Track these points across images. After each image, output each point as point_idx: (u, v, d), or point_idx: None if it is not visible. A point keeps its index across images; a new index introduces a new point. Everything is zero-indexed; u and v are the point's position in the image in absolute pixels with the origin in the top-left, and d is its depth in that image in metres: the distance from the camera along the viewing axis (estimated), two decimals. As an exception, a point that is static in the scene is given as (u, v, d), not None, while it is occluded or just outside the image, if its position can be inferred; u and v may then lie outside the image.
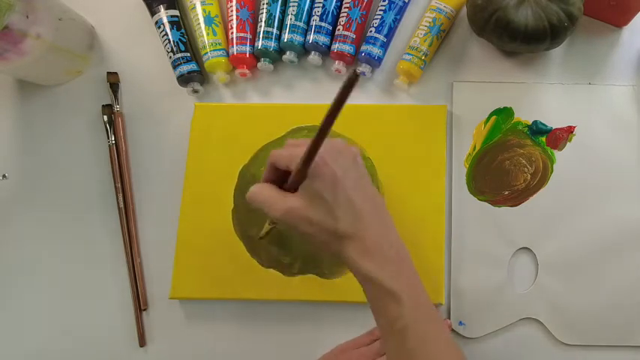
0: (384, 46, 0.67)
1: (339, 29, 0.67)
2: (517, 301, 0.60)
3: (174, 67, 0.68)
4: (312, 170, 0.41)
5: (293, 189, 0.43)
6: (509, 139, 0.65)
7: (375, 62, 0.67)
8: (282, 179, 0.44)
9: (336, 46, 0.67)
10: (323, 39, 0.67)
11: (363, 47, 0.67)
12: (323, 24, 0.67)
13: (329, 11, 0.67)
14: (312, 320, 0.62)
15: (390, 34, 0.67)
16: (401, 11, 0.68)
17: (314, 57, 0.68)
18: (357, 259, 0.42)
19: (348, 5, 0.67)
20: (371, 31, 0.67)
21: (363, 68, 0.67)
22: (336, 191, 0.42)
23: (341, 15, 0.68)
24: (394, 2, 0.67)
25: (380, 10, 0.67)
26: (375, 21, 0.67)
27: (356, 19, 0.67)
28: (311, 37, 0.67)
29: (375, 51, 0.66)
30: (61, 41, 0.65)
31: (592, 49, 0.68)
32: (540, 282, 0.60)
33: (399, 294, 0.42)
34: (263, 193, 0.44)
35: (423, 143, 0.64)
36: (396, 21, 0.68)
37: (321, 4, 0.67)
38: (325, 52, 0.68)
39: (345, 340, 0.59)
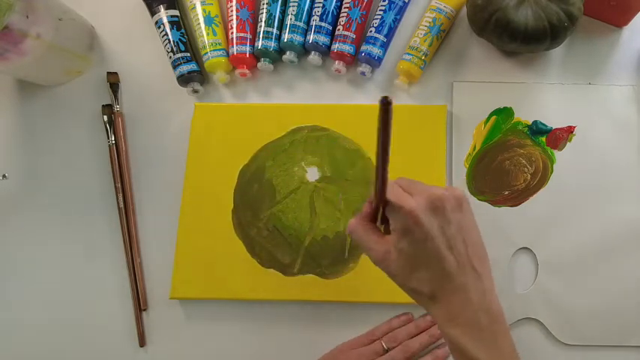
0: (384, 46, 0.67)
1: (339, 29, 0.67)
2: (517, 301, 0.60)
3: (174, 67, 0.68)
4: (403, 225, 0.40)
5: (384, 225, 0.42)
6: (509, 139, 0.65)
7: (375, 62, 0.67)
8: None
9: (336, 46, 0.67)
10: (323, 39, 0.67)
11: (363, 47, 0.67)
12: (323, 24, 0.67)
13: (329, 11, 0.67)
14: (312, 320, 0.61)
15: (390, 34, 0.67)
16: (401, 11, 0.68)
17: (314, 57, 0.68)
18: (442, 322, 0.41)
19: (348, 5, 0.67)
20: (371, 31, 0.67)
21: (363, 68, 0.67)
22: (426, 250, 0.40)
23: (341, 15, 0.68)
24: (394, 2, 0.67)
25: (380, 10, 0.67)
26: (375, 21, 0.67)
27: (356, 19, 0.67)
28: (311, 37, 0.67)
29: (375, 51, 0.66)
30: (61, 41, 0.65)
31: (592, 49, 0.68)
32: (540, 282, 0.60)
33: None
34: (358, 230, 0.43)
35: (423, 143, 0.64)
36: (396, 21, 0.68)
37: (321, 4, 0.67)
38: (325, 52, 0.68)
39: (345, 340, 0.59)
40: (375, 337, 0.58)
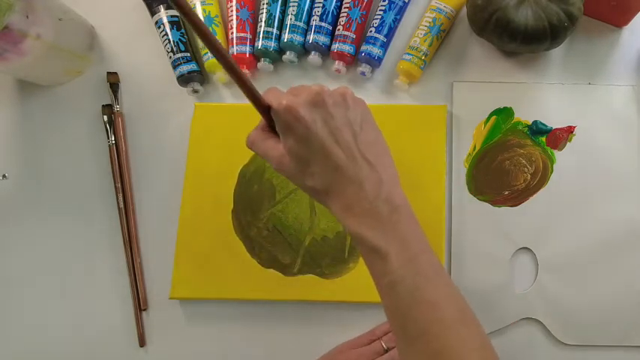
0: (384, 46, 0.67)
1: (339, 29, 0.67)
2: (517, 301, 0.60)
3: (174, 67, 0.68)
4: (283, 123, 0.40)
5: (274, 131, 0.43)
6: (509, 139, 0.65)
7: (375, 62, 0.67)
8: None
9: (336, 46, 0.67)
10: (323, 39, 0.67)
11: (363, 47, 0.67)
12: (323, 24, 0.67)
13: (329, 11, 0.67)
14: (312, 320, 0.61)
15: (390, 34, 0.67)
16: (401, 11, 0.68)
17: (314, 57, 0.68)
18: (339, 214, 0.41)
19: (348, 5, 0.67)
20: (371, 31, 0.67)
21: (363, 68, 0.67)
22: (311, 145, 0.40)
23: (341, 15, 0.67)
24: (394, 2, 0.67)
25: (380, 10, 0.67)
26: (375, 21, 0.67)
27: (356, 19, 0.67)
28: (311, 37, 0.67)
29: (375, 51, 0.66)
30: (61, 41, 0.65)
31: (592, 49, 0.68)
32: (540, 282, 0.60)
33: (384, 250, 0.39)
34: (256, 141, 0.43)
35: (423, 143, 0.64)
36: (396, 21, 0.68)
37: (321, 5, 0.67)
38: (325, 52, 0.68)
39: (344, 340, 0.59)
40: (375, 336, 0.58)
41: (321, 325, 0.61)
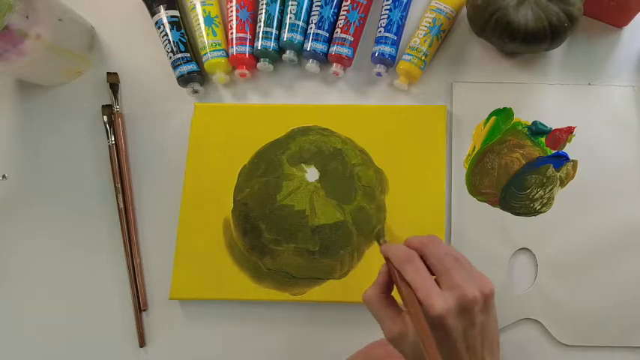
0: (395, 43, 0.67)
1: (337, 32, 0.67)
2: (516, 301, 0.60)
3: (174, 67, 0.68)
4: (430, 319, 0.39)
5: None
6: (509, 140, 0.65)
7: (388, 61, 0.67)
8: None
9: (334, 49, 0.67)
10: (320, 47, 0.67)
11: (375, 48, 0.67)
12: (320, 31, 0.67)
13: (326, 18, 0.67)
14: (312, 321, 0.62)
15: (399, 32, 0.67)
16: (406, 8, 0.68)
17: (311, 65, 0.67)
18: None
19: (346, 8, 0.67)
20: (380, 31, 0.67)
21: (378, 69, 0.67)
22: (444, 347, 0.40)
23: (339, 18, 0.67)
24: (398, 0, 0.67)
25: (385, 10, 0.67)
26: (382, 21, 0.67)
27: (354, 21, 0.67)
28: (309, 45, 0.67)
29: (388, 50, 0.66)
30: (61, 42, 0.65)
31: (592, 49, 0.68)
32: (540, 282, 0.60)
33: None
34: (373, 303, 0.42)
35: (422, 144, 0.64)
36: (403, 18, 0.67)
37: (317, 12, 0.67)
38: (323, 59, 0.68)
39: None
40: None
41: (321, 326, 0.61)
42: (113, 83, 0.69)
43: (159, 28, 0.69)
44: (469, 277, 0.41)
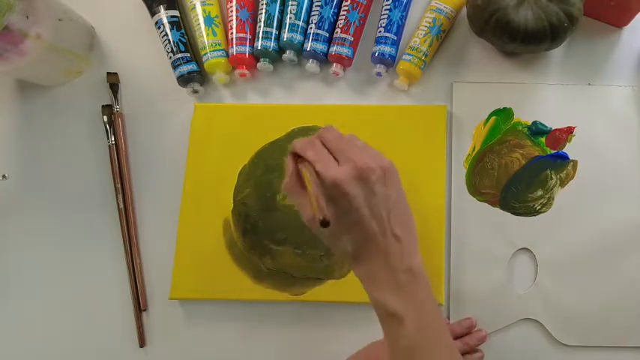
0: (396, 43, 0.67)
1: (337, 32, 0.67)
2: (516, 301, 0.60)
3: (174, 67, 0.68)
4: (329, 194, 0.42)
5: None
6: (509, 140, 0.65)
7: (388, 61, 0.67)
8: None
9: (334, 49, 0.67)
10: (320, 47, 0.67)
11: (375, 48, 0.67)
12: (320, 31, 0.67)
13: (325, 18, 0.67)
14: (312, 321, 0.62)
15: (399, 32, 0.67)
16: (406, 8, 0.68)
17: (311, 65, 0.67)
18: (362, 279, 0.44)
19: (346, 8, 0.67)
20: (380, 32, 0.67)
21: (378, 69, 0.67)
22: (350, 217, 0.42)
23: (339, 18, 0.67)
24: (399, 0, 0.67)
25: (385, 10, 0.67)
26: (382, 21, 0.67)
27: (354, 21, 0.67)
28: (309, 45, 0.67)
29: (388, 50, 0.66)
30: (61, 41, 0.65)
31: (592, 49, 0.68)
32: (540, 282, 0.60)
33: (401, 315, 0.42)
34: (293, 192, 0.45)
35: (423, 144, 0.64)
36: (403, 18, 0.67)
37: (317, 12, 0.67)
38: (323, 59, 0.68)
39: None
40: None
41: (321, 326, 0.61)
42: (113, 83, 0.69)
43: (159, 28, 0.69)
44: (363, 152, 0.44)
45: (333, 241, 0.44)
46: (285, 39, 0.67)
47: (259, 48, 0.67)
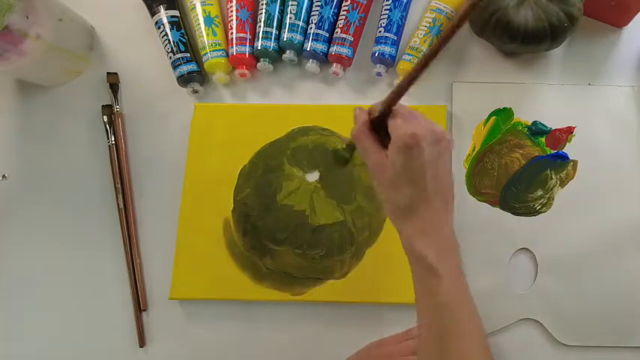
0: (395, 43, 0.67)
1: (337, 32, 0.67)
2: (516, 301, 0.60)
3: (174, 67, 0.68)
4: (404, 144, 0.44)
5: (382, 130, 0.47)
6: (509, 140, 0.65)
7: (388, 61, 0.67)
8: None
9: (334, 49, 0.67)
10: (320, 47, 0.67)
11: (375, 48, 0.67)
12: (320, 31, 0.67)
13: (326, 18, 0.67)
14: (312, 321, 0.62)
15: (399, 32, 0.67)
16: (406, 8, 0.68)
17: (311, 65, 0.67)
18: (410, 233, 0.46)
19: (346, 8, 0.67)
20: (380, 32, 0.67)
21: (378, 69, 0.67)
22: (416, 171, 0.44)
23: (339, 18, 0.67)
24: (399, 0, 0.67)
25: (385, 10, 0.67)
26: (382, 21, 0.67)
27: (354, 21, 0.67)
28: (309, 45, 0.67)
29: (388, 50, 0.66)
30: (61, 41, 0.65)
31: (592, 49, 0.68)
32: (540, 282, 0.60)
33: (442, 273, 0.44)
34: (363, 136, 0.47)
35: (422, 143, 0.64)
36: (403, 18, 0.67)
37: (317, 12, 0.67)
38: (323, 60, 0.68)
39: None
40: (410, 336, 0.58)
41: (321, 326, 0.61)
42: (113, 83, 0.69)
43: (159, 28, 0.69)
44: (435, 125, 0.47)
45: (391, 191, 0.46)
46: (285, 39, 0.67)
47: (259, 48, 0.67)
